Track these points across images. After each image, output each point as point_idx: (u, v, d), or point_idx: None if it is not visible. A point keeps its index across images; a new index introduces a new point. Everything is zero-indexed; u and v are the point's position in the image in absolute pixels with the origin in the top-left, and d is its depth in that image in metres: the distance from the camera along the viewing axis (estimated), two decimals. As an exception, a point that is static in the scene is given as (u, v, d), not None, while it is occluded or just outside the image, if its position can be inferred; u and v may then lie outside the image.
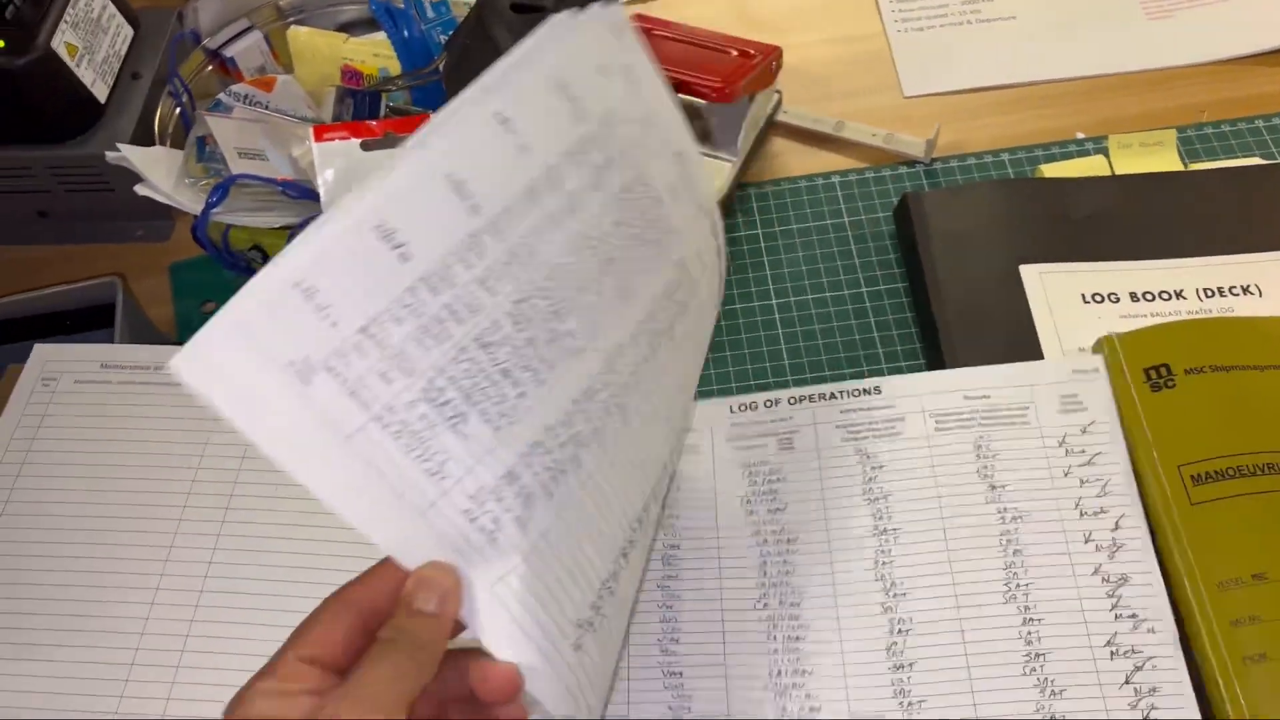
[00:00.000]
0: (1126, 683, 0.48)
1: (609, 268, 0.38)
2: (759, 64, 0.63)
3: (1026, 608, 0.50)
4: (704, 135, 0.68)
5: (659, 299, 0.40)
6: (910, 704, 0.49)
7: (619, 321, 0.39)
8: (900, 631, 0.51)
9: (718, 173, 0.67)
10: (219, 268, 0.68)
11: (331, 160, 0.55)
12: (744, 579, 0.53)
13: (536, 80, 0.37)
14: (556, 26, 0.38)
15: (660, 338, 0.41)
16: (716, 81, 0.61)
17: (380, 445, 0.33)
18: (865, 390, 0.58)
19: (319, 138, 0.54)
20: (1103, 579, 0.50)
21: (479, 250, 0.35)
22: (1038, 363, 0.57)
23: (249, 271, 0.64)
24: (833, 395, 0.59)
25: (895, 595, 0.52)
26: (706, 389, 0.61)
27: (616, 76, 0.40)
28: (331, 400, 0.32)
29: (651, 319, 0.40)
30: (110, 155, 0.60)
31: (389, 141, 0.56)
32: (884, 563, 0.53)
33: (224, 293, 0.68)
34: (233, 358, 0.31)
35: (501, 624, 0.36)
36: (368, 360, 0.33)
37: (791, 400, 0.59)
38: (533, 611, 0.36)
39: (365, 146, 0.55)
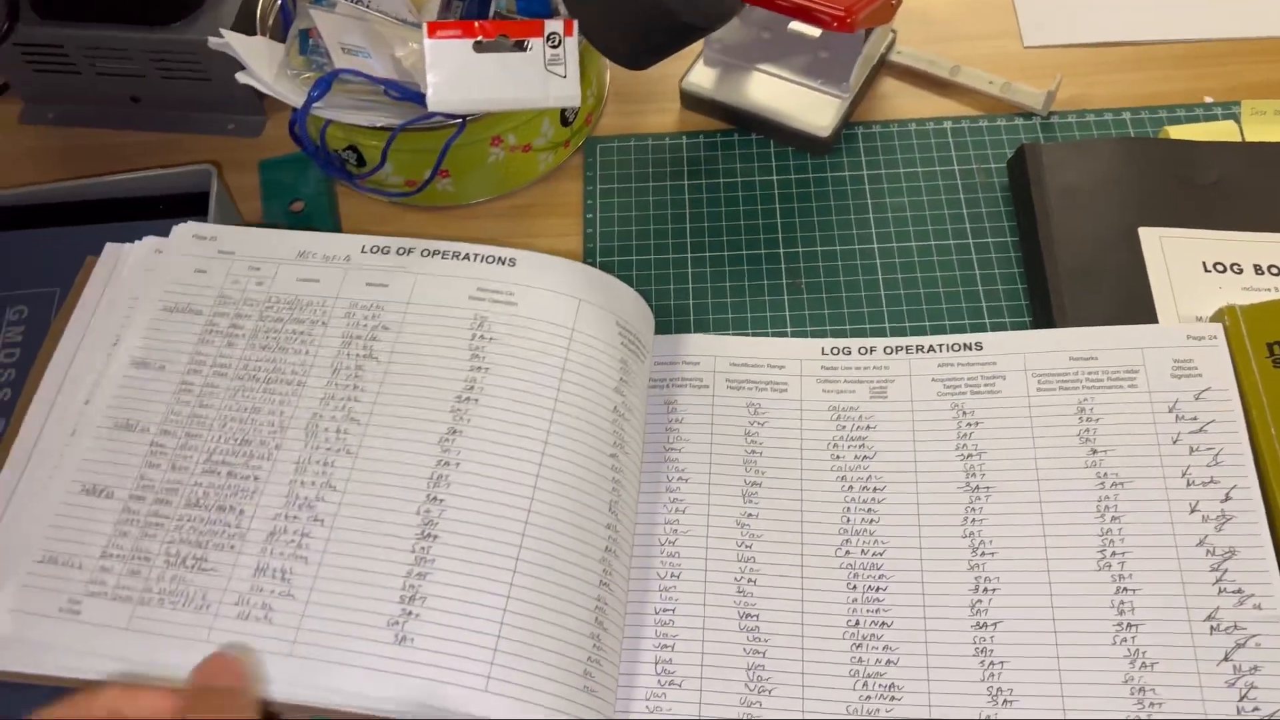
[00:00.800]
0: (1225, 659, 0.46)
1: (274, 378, 0.51)
2: (881, -3, 0.61)
3: (1121, 576, 0.49)
4: (813, 68, 0.66)
5: (336, 354, 0.51)
6: (992, 664, 0.48)
7: (302, 402, 0.50)
8: (985, 590, 0.49)
9: (825, 108, 0.65)
10: (308, 168, 0.67)
11: (442, 60, 0.53)
12: (826, 524, 0.52)
13: (150, 312, 0.53)
14: (146, 264, 0.55)
15: (359, 373, 0.51)
16: (838, 9, 0.58)
17: (153, 616, 0.45)
18: (966, 345, 0.56)
19: (432, 34, 0.52)
20: (1207, 551, 0.48)
21: (157, 463, 0.48)
22: (1151, 326, 0.54)
23: (342, 171, 0.63)
24: (931, 348, 0.57)
25: (983, 554, 0.50)
26: (800, 329, 0.59)
27: (215, 264, 0.54)
28: (103, 611, 0.45)
29: (337, 373, 0.51)
30: (213, 41, 0.59)
31: (500, 45, 0.54)
32: (974, 519, 0.51)
33: (313, 194, 0.68)
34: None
35: (315, 670, 0.43)
36: (115, 574, 0.46)
37: (888, 349, 0.57)
38: (335, 640, 0.44)
39: (478, 48, 0.54)
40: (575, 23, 0.55)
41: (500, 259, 0.54)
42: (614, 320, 0.54)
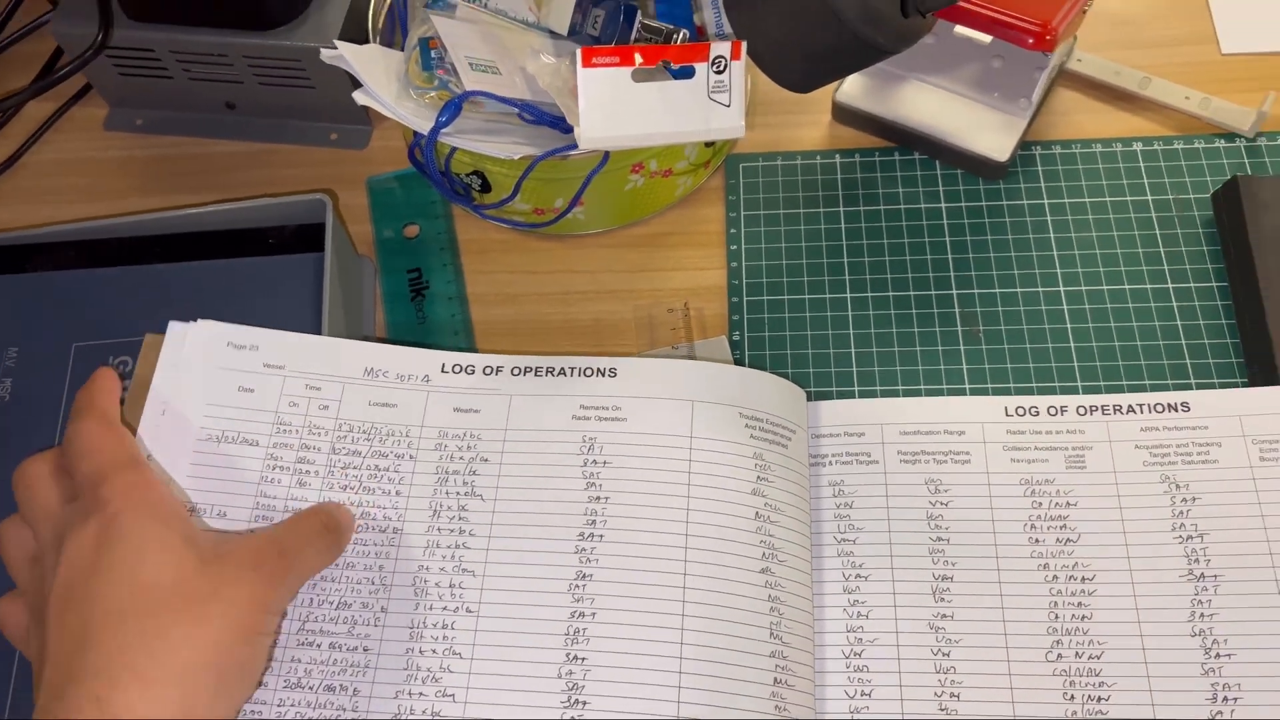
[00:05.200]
0: None
1: (363, 525, 0.45)
2: (1081, 3, 0.53)
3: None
4: (985, 80, 0.59)
5: (433, 493, 0.46)
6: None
7: (402, 553, 0.45)
8: (1225, 700, 0.44)
9: (1001, 127, 0.58)
10: (422, 186, 0.61)
11: (596, 91, 0.47)
12: (1032, 623, 0.46)
13: (188, 443, 0.45)
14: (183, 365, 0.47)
15: (463, 515, 0.46)
16: (1034, 23, 0.51)
17: None
18: (1171, 405, 0.50)
19: (587, 61, 0.46)
20: None
21: None
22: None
23: (466, 198, 0.57)
24: (1131, 408, 0.51)
25: (1218, 655, 0.44)
26: (979, 385, 0.53)
27: (263, 381, 0.47)
28: None
29: (437, 516, 0.46)
30: (326, 54, 0.53)
31: (661, 73, 0.47)
32: (1202, 615, 0.45)
33: (427, 215, 0.62)
34: None
35: None
36: None
37: (1081, 409, 0.51)
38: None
39: (636, 77, 0.47)
40: (743, 45, 0.48)
41: (599, 370, 0.49)
42: (736, 413, 0.48)
